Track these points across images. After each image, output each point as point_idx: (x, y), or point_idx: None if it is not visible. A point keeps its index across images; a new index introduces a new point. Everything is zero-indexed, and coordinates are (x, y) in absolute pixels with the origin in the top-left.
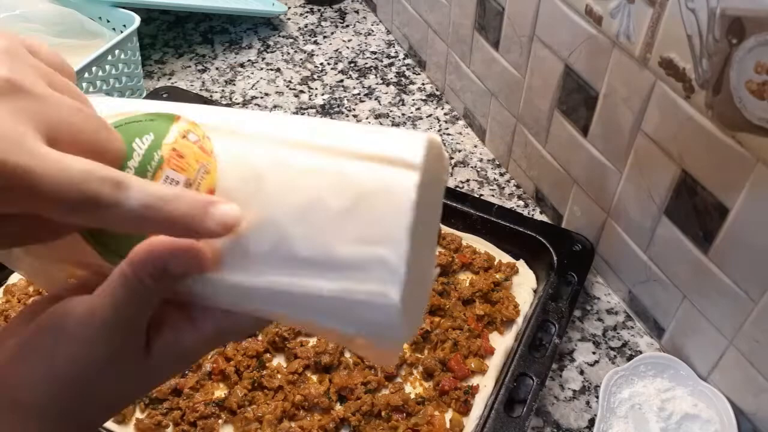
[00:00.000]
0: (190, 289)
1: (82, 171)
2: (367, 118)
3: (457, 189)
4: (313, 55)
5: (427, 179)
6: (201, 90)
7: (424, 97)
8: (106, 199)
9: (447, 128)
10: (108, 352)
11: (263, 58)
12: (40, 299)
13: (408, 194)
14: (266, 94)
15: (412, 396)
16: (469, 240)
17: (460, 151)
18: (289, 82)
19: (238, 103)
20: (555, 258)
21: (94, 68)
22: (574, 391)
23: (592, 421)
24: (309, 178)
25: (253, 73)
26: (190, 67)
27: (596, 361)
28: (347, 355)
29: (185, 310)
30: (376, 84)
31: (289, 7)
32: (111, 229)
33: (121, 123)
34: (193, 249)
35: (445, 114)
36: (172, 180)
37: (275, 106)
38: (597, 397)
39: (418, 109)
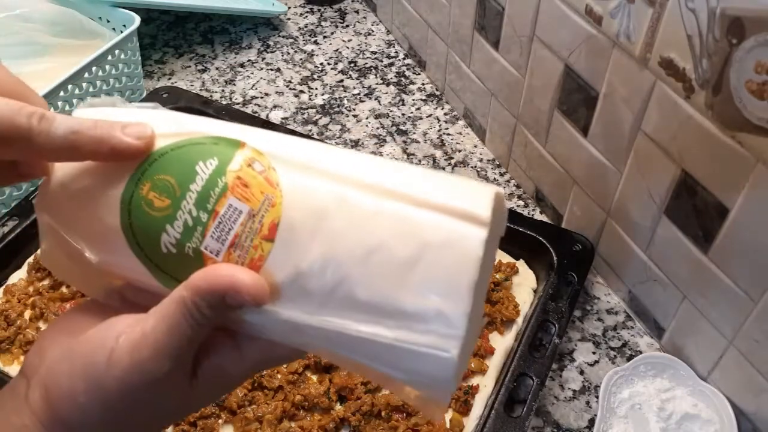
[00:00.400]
0: (242, 318)
1: (9, 107)
2: (367, 118)
3: None
4: (313, 55)
5: (491, 233)
6: (201, 90)
7: (424, 97)
8: (36, 128)
9: (447, 128)
10: (157, 376)
11: (263, 58)
12: (77, 307)
13: (475, 250)
14: (266, 94)
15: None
16: None
17: (460, 151)
18: (289, 82)
19: (238, 103)
20: (555, 258)
21: (94, 68)
22: (574, 391)
23: (592, 421)
24: (376, 222)
25: (253, 73)
26: (190, 67)
27: (596, 361)
28: None
29: (232, 337)
30: (376, 84)
31: (289, 7)
32: (44, 157)
33: (184, 144)
34: (253, 282)
35: (445, 114)
36: (235, 209)
37: (275, 106)
38: (597, 397)
39: (418, 109)
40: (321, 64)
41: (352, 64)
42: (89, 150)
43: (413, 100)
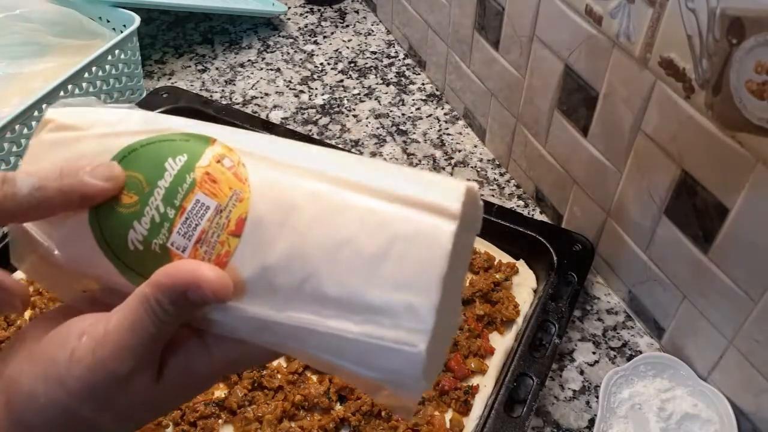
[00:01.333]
0: (209, 316)
1: None
2: (367, 118)
3: None
4: (313, 55)
5: (463, 227)
6: (201, 90)
7: (424, 97)
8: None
9: (447, 128)
10: (120, 375)
11: (263, 58)
12: (44, 314)
13: (444, 243)
14: (266, 94)
15: None
16: None
17: (460, 151)
18: (289, 82)
19: (238, 103)
20: (555, 258)
21: (94, 68)
22: (574, 391)
23: (592, 421)
24: (344, 216)
25: (253, 73)
26: (190, 67)
27: (596, 361)
28: None
29: (201, 335)
30: (376, 84)
31: (289, 7)
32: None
33: (154, 141)
34: (215, 277)
35: (445, 114)
36: (202, 204)
37: (275, 106)
38: (597, 397)
39: (418, 109)
40: (321, 64)
41: (352, 64)
42: (59, 204)
43: (413, 100)
